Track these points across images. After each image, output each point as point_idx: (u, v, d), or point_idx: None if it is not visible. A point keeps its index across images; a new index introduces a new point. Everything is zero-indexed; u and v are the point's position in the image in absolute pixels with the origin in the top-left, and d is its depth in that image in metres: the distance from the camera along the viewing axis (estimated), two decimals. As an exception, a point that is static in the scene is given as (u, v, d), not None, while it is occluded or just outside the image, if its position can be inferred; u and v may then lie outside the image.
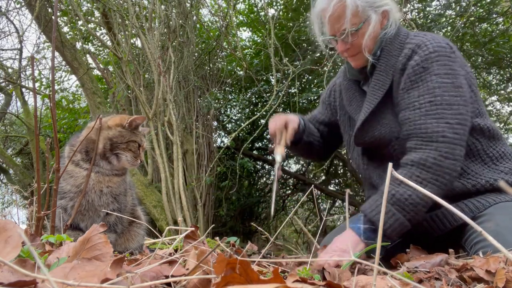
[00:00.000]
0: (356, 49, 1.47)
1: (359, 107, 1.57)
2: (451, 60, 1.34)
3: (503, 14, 5.00)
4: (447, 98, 1.29)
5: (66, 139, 5.78)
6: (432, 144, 1.26)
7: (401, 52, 1.42)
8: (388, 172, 0.53)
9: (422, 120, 1.30)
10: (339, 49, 1.50)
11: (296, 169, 7.94)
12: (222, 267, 0.59)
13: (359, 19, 1.42)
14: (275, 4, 6.00)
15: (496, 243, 0.47)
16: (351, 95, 1.62)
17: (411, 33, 1.48)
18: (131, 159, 1.35)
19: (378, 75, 1.46)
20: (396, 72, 1.42)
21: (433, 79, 1.32)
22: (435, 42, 1.36)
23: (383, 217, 0.54)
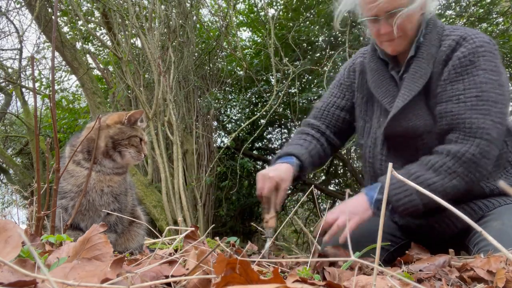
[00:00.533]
0: (399, 32, 1.36)
1: (389, 92, 1.48)
2: (495, 57, 1.32)
3: (503, 14, 5.00)
4: (493, 95, 1.27)
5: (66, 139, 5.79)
6: (475, 140, 1.24)
7: (440, 42, 1.38)
8: (388, 172, 0.53)
9: (467, 114, 1.27)
10: (381, 31, 1.38)
11: (296, 169, 7.93)
12: (222, 267, 0.59)
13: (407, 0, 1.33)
14: (275, 4, 6.00)
15: (496, 243, 0.47)
16: (381, 77, 1.51)
17: (447, 25, 1.45)
18: (135, 154, 1.36)
19: (420, 62, 1.39)
20: (437, 62, 1.37)
21: (480, 74, 1.28)
22: (480, 37, 1.33)
23: (383, 217, 0.53)
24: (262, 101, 6.18)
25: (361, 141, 1.61)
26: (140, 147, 1.37)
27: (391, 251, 1.52)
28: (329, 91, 1.73)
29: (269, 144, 7.61)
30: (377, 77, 1.53)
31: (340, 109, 1.67)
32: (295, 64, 5.41)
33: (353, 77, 1.66)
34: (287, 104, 5.96)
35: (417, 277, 0.95)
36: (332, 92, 1.71)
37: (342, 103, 1.67)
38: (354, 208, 1.28)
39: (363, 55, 1.65)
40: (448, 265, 1.08)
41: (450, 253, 1.22)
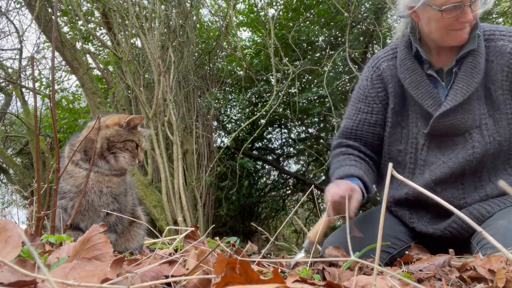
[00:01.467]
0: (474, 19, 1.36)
1: (429, 93, 1.44)
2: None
3: (503, 14, 5.00)
4: None
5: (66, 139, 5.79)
6: None
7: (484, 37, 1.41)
8: (388, 172, 0.53)
9: None
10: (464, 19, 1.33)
11: (296, 169, 7.95)
12: (222, 267, 0.59)
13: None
14: (275, 4, 6.00)
15: (496, 242, 0.47)
16: (418, 77, 1.45)
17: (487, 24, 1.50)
18: (129, 159, 1.34)
19: (478, 57, 1.39)
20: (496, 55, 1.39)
21: None
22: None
23: (383, 217, 0.53)
24: (262, 101, 6.19)
25: (399, 147, 1.54)
26: (135, 153, 1.36)
27: (393, 254, 1.51)
28: (355, 107, 1.62)
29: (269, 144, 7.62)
30: (415, 77, 1.46)
31: (373, 126, 1.58)
32: (295, 64, 5.42)
33: (379, 85, 1.57)
34: (287, 104, 5.96)
35: (417, 277, 0.95)
36: (360, 107, 1.60)
37: (372, 119, 1.58)
38: None
39: (387, 59, 1.58)
40: (448, 265, 1.08)
41: (450, 253, 1.22)
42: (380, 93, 1.57)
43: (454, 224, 1.42)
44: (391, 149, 1.57)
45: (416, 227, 1.52)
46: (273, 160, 7.39)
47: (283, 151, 7.61)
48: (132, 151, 1.35)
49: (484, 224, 1.36)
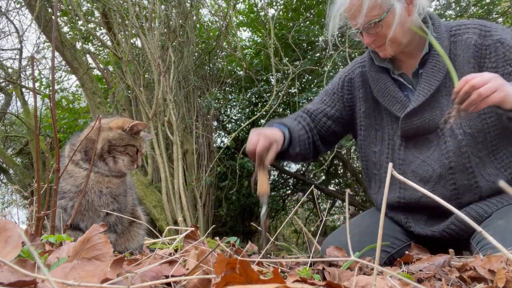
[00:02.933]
0: (382, 39, 1.44)
1: (395, 98, 1.52)
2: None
3: (503, 14, 5.00)
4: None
5: (66, 139, 5.79)
6: None
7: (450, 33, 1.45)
8: (388, 172, 0.53)
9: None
10: (366, 42, 1.47)
11: (296, 169, 7.95)
12: (222, 267, 0.59)
13: (381, 9, 1.39)
14: (275, 4, 6.00)
15: (496, 242, 0.47)
16: (383, 85, 1.55)
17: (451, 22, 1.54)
18: (128, 163, 1.34)
19: (437, 56, 1.43)
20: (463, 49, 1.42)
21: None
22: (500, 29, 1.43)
23: (383, 217, 0.53)
24: (262, 101, 6.19)
25: (375, 149, 1.61)
26: (134, 157, 1.36)
27: (392, 253, 1.52)
28: (321, 97, 1.75)
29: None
30: (380, 85, 1.56)
31: (327, 118, 1.69)
32: (295, 64, 5.42)
33: (348, 88, 1.68)
34: (287, 104, 5.97)
35: (417, 277, 0.95)
36: (323, 99, 1.73)
37: (331, 112, 1.69)
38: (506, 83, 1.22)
39: (361, 65, 1.66)
40: (448, 265, 1.08)
41: (450, 253, 1.22)
42: (347, 95, 1.68)
43: (452, 226, 1.42)
44: (366, 151, 1.65)
45: (414, 230, 1.53)
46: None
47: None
48: (132, 156, 1.35)
49: (482, 225, 1.36)
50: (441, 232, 1.44)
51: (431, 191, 1.45)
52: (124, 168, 1.36)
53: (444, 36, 1.45)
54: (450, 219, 1.43)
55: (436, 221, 1.48)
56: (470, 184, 1.41)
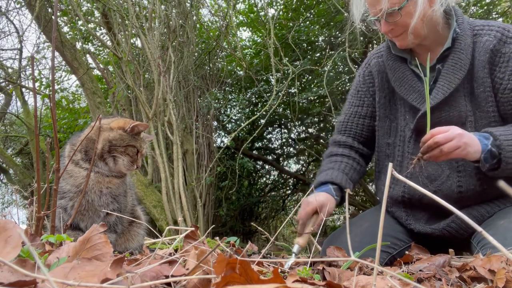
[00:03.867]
0: (401, 29, 1.41)
1: (412, 88, 1.49)
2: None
3: (503, 14, 5.00)
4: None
5: (66, 139, 5.79)
6: None
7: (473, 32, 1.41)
8: (388, 172, 0.53)
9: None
10: (383, 30, 1.44)
11: (296, 169, 7.95)
12: (222, 267, 0.59)
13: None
14: (275, 4, 6.00)
15: (496, 242, 0.47)
16: (401, 75, 1.52)
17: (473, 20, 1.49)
18: (128, 164, 1.34)
19: (459, 54, 1.40)
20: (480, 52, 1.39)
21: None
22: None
23: (383, 217, 0.53)
24: (262, 101, 6.19)
25: (388, 140, 1.60)
26: (134, 158, 1.36)
27: (393, 254, 1.51)
28: (348, 102, 1.73)
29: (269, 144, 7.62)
30: (398, 75, 1.53)
31: (363, 118, 1.66)
32: (295, 64, 5.42)
33: (369, 80, 1.66)
34: (287, 104, 5.96)
35: (417, 277, 0.95)
36: (351, 102, 1.70)
37: (363, 111, 1.66)
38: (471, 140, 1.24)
39: (377, 56, 1.64)
40: (448, 265, 1.08)
41: (450, 253, 1.22)
42: (371, 87, 1.65)
43: (452, 224, 1.42)
44: (380, 142, 1.63)
45: (414, 228, 1.52)
46: (273, 160, 7.39)
47: (283, 151, 7.61)
48: (132, 156, 1.35)
49: (483, 224, 1.36)
50: (441, 230, 1.44)
51: (437, 189, 1.45)
52: (124, 169, 1.36)
53: (467, 34, 1.41)
54: (450, 218, 1.42)
55: (437, 219, 1.47)
56: (476, 190, 1.40)
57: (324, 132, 6.69)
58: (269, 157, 7.48)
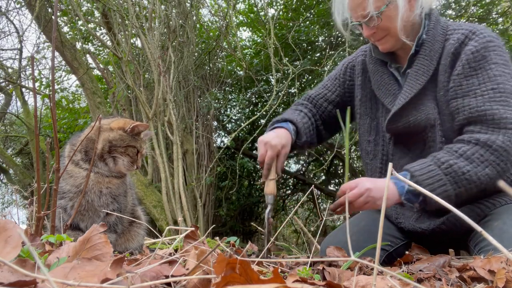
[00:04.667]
0: (383, 32, 1.43)
1: (389, 91, 1.52)
2: (504, 51, 1.34)
3: (503, 14, 5.00)
4: (509, 87, 1.28)
5: (66, 139, 5.79)
6: (500, 130, 1.24)
7: (445, 37, 1.40)
8: (388, 172, 0.53)
9: (487, 106, 1.27)
10: (365, 34, 1.46)
11: (296, 169, 7.95)
12: (222, 267, 0.59)
13: (382, 2, 1.38)
14: (275, 4, 6.00)
15: (496, 242, 0.47)
16: (379, 78, 1.56)
17: (451, 21, 1.47)
18: (128, 164, 1.34)
19: (422, 59, 1.42)
20: (445, 55, 1.38)
21: (492, 68, 1.30)
22: (488, 31, 1.35)
23: (383, 217, 0.53)
24: (262, 101, 6.19)
25: (369, 138, 1.62)
26: (135, 158, 1.36)
27: (390, 251, 1.52)
28: (323, 82, 1.76)
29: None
30: (377, 78, 1.57)
31: (328, 102, 1.70)
32: (295, 64, 5.42)
33: (350, 75, 1.69)
34: (287, 104, 5.96)
35: (417, 277, 0.95)
36: (326, 84, 1.74)
37: (331, 97, 1.70)
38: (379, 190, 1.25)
39: (364, 54, 1.67)
40: (448, 265, 1.08)
41: (450, 253, 1.22)
42: (348, 81, 1.69)
43: (443, 226, 1.41)
44: (361, 139, 1.66)
45: (404, 226, 1.53)
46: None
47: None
48: (132, 157, 1.35)
49: None
50: (431, 230, 1.44)
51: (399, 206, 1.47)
52: (124, 169, 1.35)
53: (437, 39, 1.41)
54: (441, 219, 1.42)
55: (428, 218, 1.48)
56: None
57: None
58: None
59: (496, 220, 1.30)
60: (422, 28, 1.43)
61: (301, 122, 1.61)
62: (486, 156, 1.22)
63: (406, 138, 1.49)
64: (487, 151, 1.23)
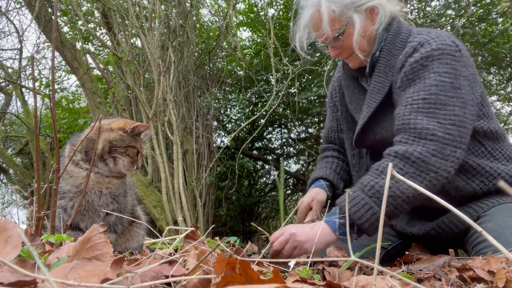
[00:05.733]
0: (348, 51, 1.44)
1: (359, 106, 1.52)
2: (454, 59, 1.27)
3: (502, 14, 5.00)
4: (443, 98, 1.23)
5: (66, 139, 5.78)
6: (420, 140, 1.21)
7: (402, 51, 1.36)
8: (388, 172, 0.53)
9: (413, 115, 1.25)
10: (332, 55, 1.49)
11: (296, 169, 7.95)
12: (222, 267, 0.59)
13: (341, 23, 1.38)
14: (275, 4, 6.00)
15: (497, 243, 0.47)
16: (351, 92, 1.58)
17: (415, 29, 1.42)
18: (128, 164, 1.34)
19: (377, 77, 1.41)
20: (396, 71, 1.36)
21: (431, 77, 1.26)
22: (439, 40, 1.29)
23: (383, 217, 0.53)
24: (262, 101, 6.19)
25: (353, 152, 1.63)
26: (135, 159, 1.36)
27: (388, 249, 1.53)
28: (327, 114, 1.82)
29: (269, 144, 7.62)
30: (349, 93, 1.60)
31: (339, 131, 1.74)
32: (295, 64, 5.41)
33: (334, 94, 1.72)
34: (287, 104, 5.96)
35: (417, 277, 0.95)
36: (327, 115, 1.80)
37: (336, 125, 1.75)
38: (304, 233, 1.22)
39: (340, 70, 1.69)
40: (448, 265, 1.08)
41: (450, 253, 1.22)
42: (335, 103, 1.72)
43: (433, 232, 1.41)
44: (347, 153, 1.68)
45: (397, 229, 1.54)
46: (273, 160, 7.39)
47: (283, 151, 7.61)
48: (132, 157, 1.35)
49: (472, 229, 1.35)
50: (422, 235, 1.44)
51: None
52: (124, 169, 1.36)
53: (394, 53, 1.38)
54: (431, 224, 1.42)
55: (419, 222, 1.48)
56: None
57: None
58: (269, 157, 7.48)
59: (489, 221, 1.29)
60: (377, 44, 1.41)
61: (332, 174, 1.64)
62: (405, 169, 1.19)
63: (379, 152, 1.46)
64: (406, 163, 1.20)
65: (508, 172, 1.36)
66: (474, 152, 1.38)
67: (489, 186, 1.36)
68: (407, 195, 1.17)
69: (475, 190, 1.37)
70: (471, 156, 1.37)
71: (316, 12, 1.40)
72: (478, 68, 5.66)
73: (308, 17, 1.44)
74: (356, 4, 1.38)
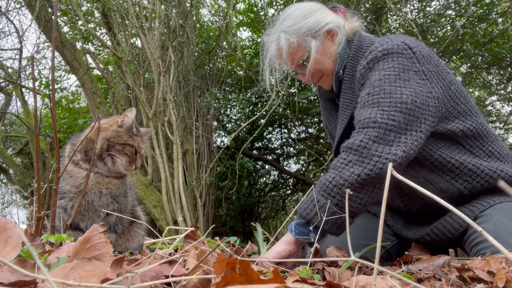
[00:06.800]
0: (318, 74, 1.50)
1: (335, 127, 1.57)
2: (401, 56, 1.29)
3: (502, 14, 5.00)
4: (387, 88, 1.25)
5: (66, 139, 5.78)
6: (363, 129, 1.23)
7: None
8: (388, 173, 0.53)
9: (360, 111, 1.28)
10: (304, 81, 1.55)
11: (296, 169, 7.95)
12: (222, 267, 0.59)
13: (303, 50, 1.46)
14: (275, 4, 6.00)
15: (497, 243, 0.47)
16: (328, 114, 1.65)
17: (376, 39, 1.44)
18: (126, 164, 1.34)
19: (344, 93, 1.46)
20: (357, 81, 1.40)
21: (375, 74, 1.29)
22: (386, 43, 1.32)
23: (382, 217, 0.53)
24: (262, 101, 6.19)
25: None
26: (133, 158, 1.36)
27: (387, 248, 1.53)
28: None
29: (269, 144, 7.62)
30: (327, 115, 1.67)
31: None
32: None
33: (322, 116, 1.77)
34: (287, 104, 5.97)
35: (417, 277, 0.95)
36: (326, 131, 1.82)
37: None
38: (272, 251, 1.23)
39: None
40: (448, 265, 1.08)
41: (450, 253, 1.22)
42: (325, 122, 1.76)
43: (427, 237, 1.41)
44: None
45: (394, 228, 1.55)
46: (273, 160, 7.40)
47: (283, 151, 7.62)
48: (131, 156, 1.35)
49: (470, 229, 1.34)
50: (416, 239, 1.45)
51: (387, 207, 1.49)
52: (123, 169, 1.35)
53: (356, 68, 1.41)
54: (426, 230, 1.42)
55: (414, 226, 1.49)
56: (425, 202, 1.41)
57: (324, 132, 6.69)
58: (269, 157, 7.48)
59: (487, 222, 1.29)
60: (339, 63, 1.46)
61: None
62: (349, 158, 1.21)
63: None
64: (350, 153, 1.22)
65: (491, 168, 1.34)
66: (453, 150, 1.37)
67: (473, 185, 1.35)
68: (350, 182, 1.18)
69: (460, 190, 1.36)
70: (452, 155, 1.36)
71: (278, 46, 1.49)
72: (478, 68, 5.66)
73: (273, 52, 1.53)
74: (313, 30, 1.45)
